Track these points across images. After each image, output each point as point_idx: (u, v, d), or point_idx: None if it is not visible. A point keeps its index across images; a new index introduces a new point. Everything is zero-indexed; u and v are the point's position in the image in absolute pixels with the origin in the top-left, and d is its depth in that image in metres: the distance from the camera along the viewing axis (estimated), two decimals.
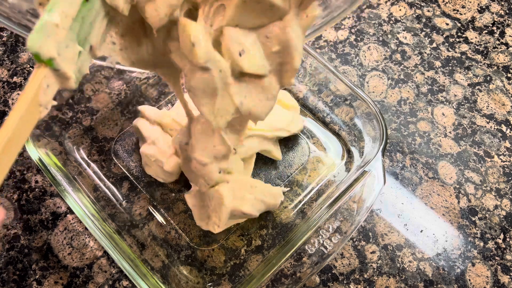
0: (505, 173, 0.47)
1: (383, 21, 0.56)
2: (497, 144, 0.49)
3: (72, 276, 0.42)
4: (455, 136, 0.49)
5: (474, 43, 0.55)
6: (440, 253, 0.43)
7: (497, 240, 0.44)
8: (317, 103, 0.48)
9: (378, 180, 0.38)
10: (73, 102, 0.46)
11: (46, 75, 0.21)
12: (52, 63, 0.21)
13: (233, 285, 0.40)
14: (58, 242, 0.43)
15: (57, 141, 0.44)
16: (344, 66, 0.53)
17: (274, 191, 0.41)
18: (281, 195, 0.42)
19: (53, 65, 0.21)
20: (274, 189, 0.41)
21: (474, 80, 0.52)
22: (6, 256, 0.43)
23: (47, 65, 0.21)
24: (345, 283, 0.42)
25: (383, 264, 0.43)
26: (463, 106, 0.51)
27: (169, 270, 0.40)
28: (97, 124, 0.47)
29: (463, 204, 0.46)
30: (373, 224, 0.44)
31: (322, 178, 0.45)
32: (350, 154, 0.46)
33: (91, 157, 0.45)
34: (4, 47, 0.53)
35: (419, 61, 0.53)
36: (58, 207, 0.45)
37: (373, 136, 0.42)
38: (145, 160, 0.44)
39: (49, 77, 0.22)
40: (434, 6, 0.57)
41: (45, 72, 0.21)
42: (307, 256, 0.37)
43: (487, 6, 0.57)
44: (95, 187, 0.43)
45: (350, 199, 0.38)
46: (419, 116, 0.50)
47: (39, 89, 0.21)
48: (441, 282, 0.42)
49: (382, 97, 0.51)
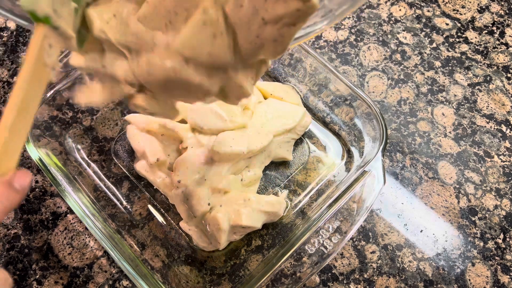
0: (505, 173, 0.47)
1: (383, 21, 0.56)
2: (497, 144, 0.49)
3: (72, 276, 0.42)
4: (455, 136, 0.49)
5: (474, 43, 0.55)
6: (440, 253, 0.43)
7: (497, 240, 0.44)
8: (317, 103, 0.48)
9: (378, 180, 0.38)
10: (73, 102, 0.46)
11: (47, 35, 0.21)
12: (49, 21, 0.21)
13: (233, 285, 0.40)
14: (58, 242, 0.43)
15: (57, 141, 0.44)
16: (344, 66, 0.53)
17: (270, 200, 0.41)
18: (280, 202, 0.42)
19: (50, 23, 0.21)
20: (270, 197, 0.41)
21: (474, 80, 0.52)
22: (6, 256, 0.43)
23: (44, 23, 0.21)
24: (345, 283, 0.42)
25: (383, 264, 0.43)
26: (463, 106, 0.51)
27: (169, 270, 0.40)
28: (97, 124, 0.47)
29: (463, 204, 0.46)
30: (373, 224, 0.44)
31: (322, 178, 0.45)
32: (350, 154, 0.46)
33: (91, 157, 0.45)
34: (4, 47, 0.53)
35: (419, 61, 0.53)
36: (58, 207, 0.45)
37: (373, 136, 0.42)
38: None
39: (50, 36, 0.21)
40: (434, 6, 0.57)
41: (45, 31, 0.21)
42: (307, 256, 0.37)
43: (487, 6, 0.57)
44: (95, 187, 0.43)
45: (350, 199, 0.38)
46: (419, 116, 0.50)
47: (41, 49, 0.21)
48: (441, 282, 0.42)
49: (382, 97, 0.51)
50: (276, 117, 0.44)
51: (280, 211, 0.41)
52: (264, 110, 0.45)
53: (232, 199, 0.40)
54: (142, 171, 0.43)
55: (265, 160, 0.44)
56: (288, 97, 0.47)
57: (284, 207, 0.43)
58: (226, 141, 0.39)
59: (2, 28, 0.55)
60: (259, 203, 0.40)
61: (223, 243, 0.39)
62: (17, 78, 0.21)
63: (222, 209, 0.39)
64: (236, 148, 0.39)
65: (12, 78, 0.51)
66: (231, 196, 0.40)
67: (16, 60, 0.53)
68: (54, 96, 0.42)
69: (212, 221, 0.38)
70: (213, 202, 0.39)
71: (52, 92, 0.42)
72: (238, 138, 0.40)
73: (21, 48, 0.54)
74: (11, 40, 0.54)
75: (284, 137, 0.44)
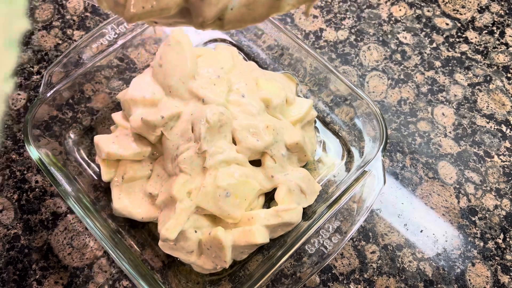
0: (505, 173, 0.47)
1: (383, 21, 0.56)
2: (497, 144, 0.49)
3: (72, 276, 0.42)
4: (455, 136, 0.49)
5: (474, 43, 0.55)
6: (440, 253, 0.43)
7: (497, 240, 0.44)
8: (317, 103, 0.48)
9: (378, 180, 0.38)
10: (73, 102, 0.46)
11: None
12: None
13: (233, 285, 0.40)
14: (58, 242, 0.43)
15: (57, 141, 0.44)
16: (344, 66, 0.53)
17: (279, 210, 0.39)
18: (282, 212, 0.39)
19: None
20: (271, 211, 0.39)
21: (474, 80, 0.52)
22: (6, 256, 0.43)
23: None
24: (345, 283, 0.42)
25: (383, 264, 0.43)
26: (463, 106, 0.51)
27: (169, 270, 0.40)
28: (97, 124, 0.47)
29: (463, 204, 0.46)
30: (373, 224, 0.44)
31: (322, 178, 0.45)
32: (350, 154, 0.46)
33: (91, 157, 0.45)
34: None
35: (419, 61, 0.53)
36: (58, 207, 0.45)
37: (373, 136, 0.42)
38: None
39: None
40: (434, 6, 0.57)
41: None
42: (307, 256, 0.37)
43: (487, 6, 0.57)
44: (95, 187, 0.43)
45: (350, 199, 0.38)
46: (419, 116, 0.50)
47: None
48: (441, 282, 0.42)
49: (382, 97, 0.51)
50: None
51: (293, 220, 0.39)
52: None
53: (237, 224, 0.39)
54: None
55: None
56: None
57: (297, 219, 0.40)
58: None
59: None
60: (266, 219, 0.38)
61: (229, 260, 0.37)
62: None
63: (219, 228, 0.37)
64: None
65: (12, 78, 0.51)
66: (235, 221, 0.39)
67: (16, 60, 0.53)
68: (54, 96, 0.42)
69: (213, 241, 0.37)
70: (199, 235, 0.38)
71: (52, 92, 0.42)
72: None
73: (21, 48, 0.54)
74: None
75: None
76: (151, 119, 0.38)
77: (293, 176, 0.40)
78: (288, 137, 0.41)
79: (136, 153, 0.40)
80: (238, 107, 0.40)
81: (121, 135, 0.41)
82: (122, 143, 0.41)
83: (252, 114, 0.40)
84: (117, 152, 0.40)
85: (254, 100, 0.41)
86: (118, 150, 0.40)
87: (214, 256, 0.38)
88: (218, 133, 0.38)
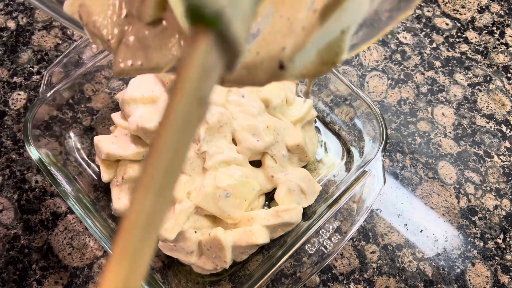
0: (505, 173, 0.47)
1: None
2: (497, 144, 0.49)
3: (72, 276, 0.42)
4: (455, 136, 0.49)
5: (474, 43, 0.55)
6: (440, 253, 0.43)
7: (497, 240, 0.44)
8: (317, 103, 0.48)
9: (378, 180, 0.38)
10: (73, 102, 0.46)
11: (209, 48, 0.13)
12: (220, 21, 0.12)
13: (233, 285, 0.40)
14: (58, 242, 0.43)
15: (57, 141, 0.44)
16: (344, 66, 0.53)
17: (279, 211, 0.39)
18: (282, 212, 0.39)
19: (221, 24, 0.12)
20: (271, 211, 0.39)
21: (474, 80, 0.52)
22: (6, 256, 0.43)
23: (211, 26, 0.12)
24: (345, 283, 0.42)
25: (383, 264, 0.43)
26: (463, 106, 0.51)
27: (169, 270, 0.40)
28: (97, 124, 0.47)
29: (463, 204, 0.46)
30: (373, 224, 0.44)
31: (322, 178, 0.45)
32: (350, 154, 0.46)
33: (91, 157, 0.45)
34: (4, 47, 0.53)
35: (419, 61, 0.53)
36: (58, 207, 0.45)
37: (373, 136, 0.42)
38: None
39: (212, 51, 0.13)
40: (434, 6, 0.57)
41: (209, 42, 0.13)
42: (307, 256, 0.37)
43: (487, 6, 0.57)
44: (95, 187, 0.43)
45: (350, 199, 0.38)
46: (419, 116, 0.50)
47: (202, 73, 0.13)
48: (441, 282, 0.42)
49: (382, 97, 0.51)
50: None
51: (293, 221, 0.39)
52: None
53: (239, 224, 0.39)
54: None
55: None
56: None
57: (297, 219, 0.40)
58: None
59: (2, 28, 0.55)
60: (266, 220, 0.38)
61: (229, 261, 0.37)
62: (161, 124, 0.12)
63: (219, 228, 0.37)
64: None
65: (12, 78, 0.51)
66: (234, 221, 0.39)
67: (16, 60, 0.53)
68: (54, 96, 0.42)
69: (214, 242, 0.37)
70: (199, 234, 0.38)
71: (52, 92, 0.42)
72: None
73: (20, 48, 0.54)
74: (11, 40, 0.54)
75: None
76: (148, 126, 0.38)
77: (293, 176, 0.40)
78: (289, 138, 0.41)
79: (135, 153, 0.40)
80: (238, 107, 0.40)
81: (120, 135, 0.41)
82: (121, 143, 0.41)
83: (253, 115, 0.40)
84: (117, 152, 0.40)
85: (254, 100, 0.41)
86: (118, 150, 0.40)
87: (214, 256, 0.37)
88: (218, 133, 0.38)
